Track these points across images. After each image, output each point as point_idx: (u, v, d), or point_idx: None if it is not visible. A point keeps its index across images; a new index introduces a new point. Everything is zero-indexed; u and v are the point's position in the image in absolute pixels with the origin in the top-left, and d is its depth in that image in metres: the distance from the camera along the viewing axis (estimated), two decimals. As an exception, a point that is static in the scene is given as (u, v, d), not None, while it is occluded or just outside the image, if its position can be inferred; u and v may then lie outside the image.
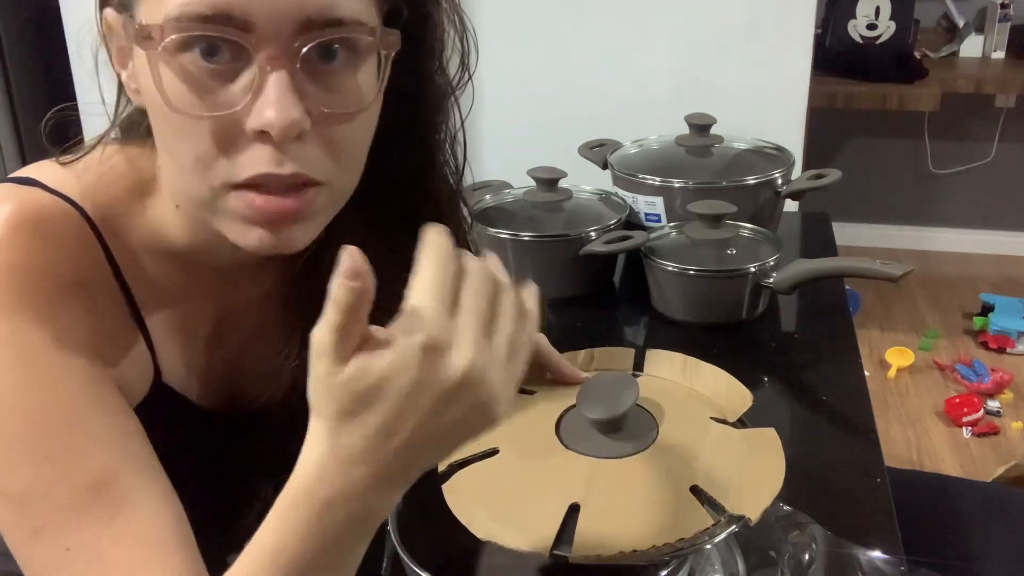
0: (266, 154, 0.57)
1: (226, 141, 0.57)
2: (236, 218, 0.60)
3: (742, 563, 0.73)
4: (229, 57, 0.56)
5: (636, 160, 1.38)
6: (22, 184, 0.64)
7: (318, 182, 0.60)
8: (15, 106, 2.63)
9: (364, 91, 0.61)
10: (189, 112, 0.57)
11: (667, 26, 2.02)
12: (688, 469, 0.63)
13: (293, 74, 0.56)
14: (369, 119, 0.63)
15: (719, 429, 0.69)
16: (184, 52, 0.56)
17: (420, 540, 0.64)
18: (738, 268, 1.17)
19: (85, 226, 0.65)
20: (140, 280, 0.68)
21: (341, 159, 0.61)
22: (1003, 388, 2.59)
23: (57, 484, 0.59)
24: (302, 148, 0.58)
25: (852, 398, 1.04)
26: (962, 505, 1.14)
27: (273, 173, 0.57)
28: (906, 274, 1.08)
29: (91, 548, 0.59)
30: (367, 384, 0.48)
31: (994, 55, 3.10)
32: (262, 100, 0.56)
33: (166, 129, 0.60)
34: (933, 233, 3.53)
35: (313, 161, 0.59)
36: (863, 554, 0.76)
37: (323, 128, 0.59)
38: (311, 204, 0.60)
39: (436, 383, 0.48)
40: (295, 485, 0.52)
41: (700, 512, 0.60)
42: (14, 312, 0.59)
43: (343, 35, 0.58)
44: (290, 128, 0.56)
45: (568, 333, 1.21)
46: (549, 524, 0.59)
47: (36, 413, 0.60)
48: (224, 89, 0.57)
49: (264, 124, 0.55)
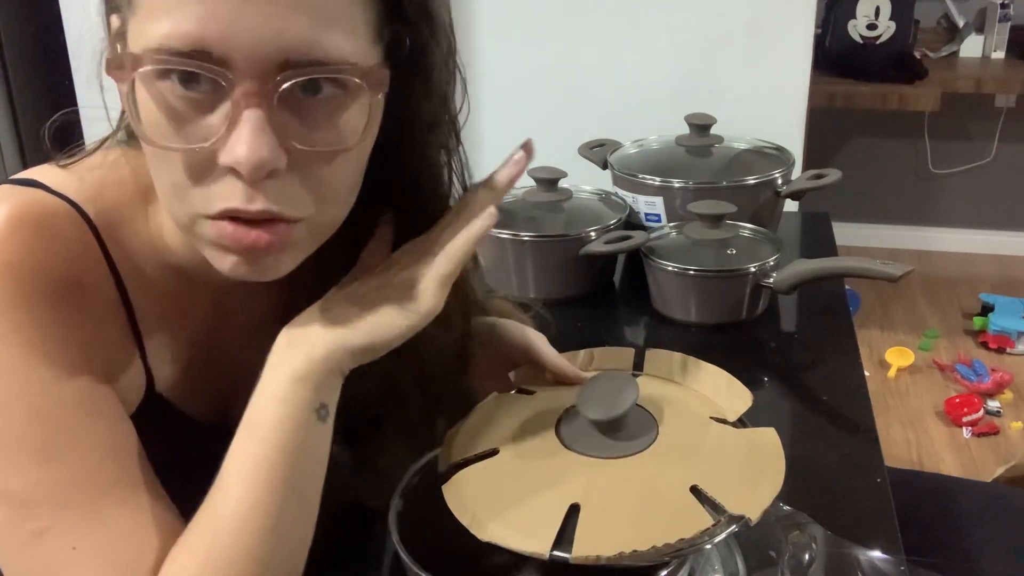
0: (237, 189, 0.56)
1: (200, 172, 0.57)
2: (212, 244, 0.60)
3: (742, 563, 0.73)
4: (208, 88, 0.55)
5: (636, 160, 1.38)
6: (24, 185, 0.64)
7: (293, 219, 0.59)
8: (16, 109, 2.63)
9: (349, 130, 0.59)
10: (163, 144, 0.56)
11: (667, 26, 2.02)
12: (688, 469, 0.63)
13: (270, 111, 0.55)
14: (354, 157, 0.61)
15: (719, 429, 0.69)
16: (162, 80, 0.55)
17: (420, 540, 0.64)
18: (738, 268, 1.17)
19: (86, 229, 0.64)
20: (138, 287, 0.68)
21: (321, 196, 0.59)
22: (1003, 388, 2.59)
23: (64, 484, 0.59)
24: (276, 185, 0.57)
25: (852, 398, 1.04)
26: (962, 505, 1.14)
27: (242, 209, 0.56)
28: (906, 274, 1.08)
29: (98, 545, 0.59)
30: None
31: (994, 55, 3.10)
32: (235, 136, 0.55)
33: (149, 154, 0.60)
34: (933, 233, 3.53)
35: (288, 198, 0.57)
36: (863, 554, 0.76)
37: (302, 165, 0.57)
38: (285, 238, 0.59)
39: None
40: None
41: (700, 512, 0.60)
42: (16, 310, 0.59)
43: (326, 75, 0.56)
44: (259, 168, 0.55)
45: (568, 333, 1.21)
46: (549, 524, 0.59)
47: (41, 413, 0.60)
48: (200, 120, 0.56)
49: (234, 162, 0.55)
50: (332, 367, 0.61)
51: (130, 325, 0.68)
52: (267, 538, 0.59)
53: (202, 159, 0.56)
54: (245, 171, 0.55)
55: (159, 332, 0.70)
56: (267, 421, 0.60)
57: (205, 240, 0.60)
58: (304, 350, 0.61)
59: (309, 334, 0.62)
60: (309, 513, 0.62)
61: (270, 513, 0.59)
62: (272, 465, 0.59)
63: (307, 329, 0.62)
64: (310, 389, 0.60)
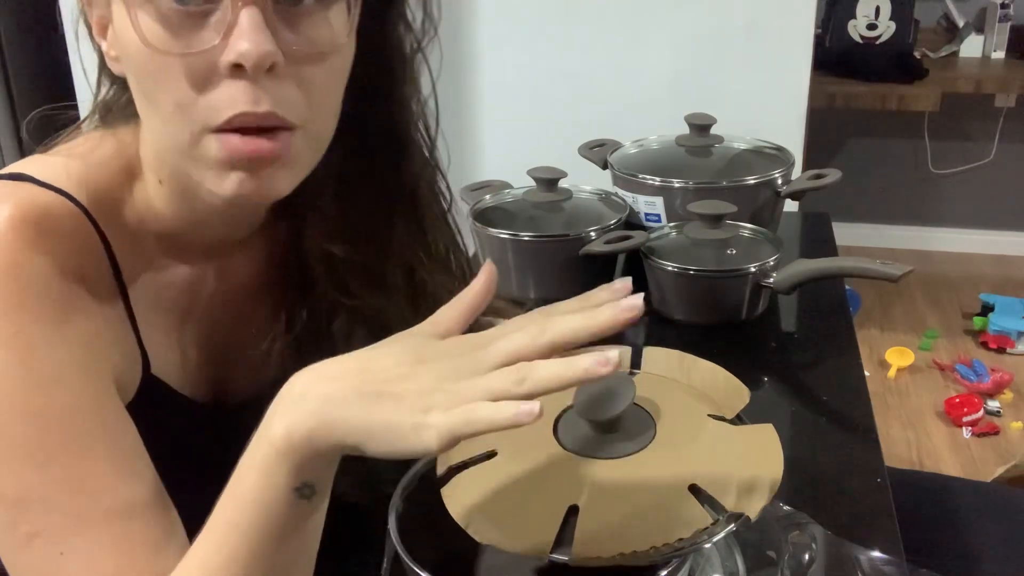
0: (241, 92, 0.58)
1: (203, 82, 0.59)
2: (215, 164, 0.61)
3: (742, 563, 0.73)
4: (201, 0, 0.58)
5: (636, 160, 1.38)
6: (14, 180, 0.64)
7: (293, 125, 0.61)
8: (15, 104, 2.63)
9: (335, 32, 0.62)
10: (165, 50, 0.58)
11: (667, 26, 2.02)
12: (686, 468, 0.63)
13: (265, 10, 0.58)
14: (341, 62, 0.64)
15: (717, 426, 0.69)
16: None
17: (420, 540, 0.64)
18: (738, 268, 1.17)
19: (82, 217, 0.65)
20: (133, 265, 0.68)
21: (314, 101, 0.62)
22: (1003, 388, 2.59)
23: (57, 488, 0.59)
24: (276, 87, 0.59)
25: (852, 398, 1.03)
26: (962, 505, 1.14)
27: (249, 112, 0.59)
28: (906, 274, 1.08)
29: (85, 553, 0.59)
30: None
31: (994, 55, 3.10)
32: (236, 34, 0.57)
33: (146, 80, 0.61)
34: (933, 233, 3.53)
35: (287, 100, 0.60)
36: (863, 554, 0.76)
37: (296, 68, 0.60)
38: (288, 147, 0.61)
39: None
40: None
41: (699, 511, 0.59)
42: (19, 312, 0.60)
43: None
44: (264, 58, 0.57)
45: (568, 333, 1.20)
46: (548, 526, 0.59)
47: (39, 416, 0.60)
48: (198, 30, 0.58)
49: (239, 56, 0.57)
50: (316, 448, 0.53)
51: (126, 308, 0.68)
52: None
53: (203, 69, 0.58)
54: (250, 63, 0.57)
55: (153, 311, 0.70)
56: (246, 492, 0.55)
57: (209, 159, 0.61)
58: (287, 424, 0.53)
59: (301, 405, 0.53)
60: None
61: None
62: (250, 540, 0.55)
63: (303, 398, 0.54)
64: (291, 466, 0.53)
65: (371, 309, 0.75)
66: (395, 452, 0.52)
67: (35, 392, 0.60)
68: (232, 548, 0.55)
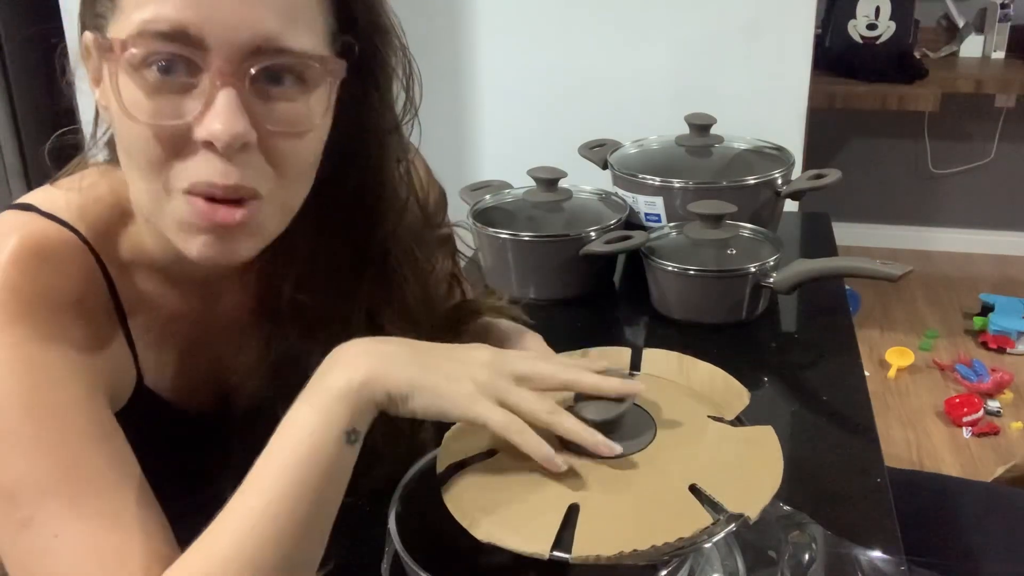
0: (211, 164, 0.61)
1: (176, 149, 0.62)
2: (182, 225, 0.64)
3: (742, 563, 0.73)
4: (185, 73, 0.61)
5: (636, 160, 1.38)
6: (22, 210, 0.70)
7: (260, 195, 0.63)
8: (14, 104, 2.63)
9: (310, 113, 0.65)
10: (142, 120, 0.61)
11: (667, 26, 2.02)
12: (686, 468, 0.63)
13: (242, 92, 0.61)
14: (315, 138, 0.67)
15: (717, 427, 0.69)
16: (144, 68, 0.61)
17: (420, 540, 0.64)
18: (738, 268, 1.17)
19: (81, 245, 0.69)
20: (129, 291, 0.73)
21: (285, 173, 0.65)
22: (1003, 388, 2.59)
23: (51, 475, 0.61)
24: (246, 160, 0.62)
25: (852, 398, 1.03)
26: (962, 505, 1.14)
27: (217, 183, 0.61)
28: (906, 274, 1.08)
29: (79, 535, 0.61)
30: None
31: (994, 55, 3.10)
32: (211, 113, 0.60)
33: (126, 137, 0.64)
34: (933, 233, 3.53)
35: (256, 174, 0.63)
36: (863, 554, 0.76)
37: (269, 144, 0.63)
38: (254, 216, 0.64)
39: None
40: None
41: (699, 511, 0.60)
42: (18, 326, 0.64)
43: (290, 62, 0.63)
44: (234, 139, 0.60)
45: (568, 333, 1.21)
46: (548, 525, 0.59)
47: (34, 410, 0.63)
48: (178, 101, 0.61)
49: (211, 135, 0.60)
50: (368, 396, 0.62)
51: (121, 325, 0.72)
52: (278, 544, 0.59)
53: (178, 136, 0.61)
54: (222, 143, 0.60)
55: (148, 330, 0.74)
56: (300, 431, 0.61)
57: (175, 220, 0.64)
58: (347, 372, 0.62)
59: (360, 359, 0.63)
60: (322, 529, 0.62)
61: (282, 521, 0.59)
62: (294, 476, 0.60)
63: (362, 354, 0.64)
64: (346, 409, 0.61)
65: None
66: (440, 411, 0.63)
67: (32, 390, 0.63)
68: (283, 487, 0.59)
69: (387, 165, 0.76)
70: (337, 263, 0.77)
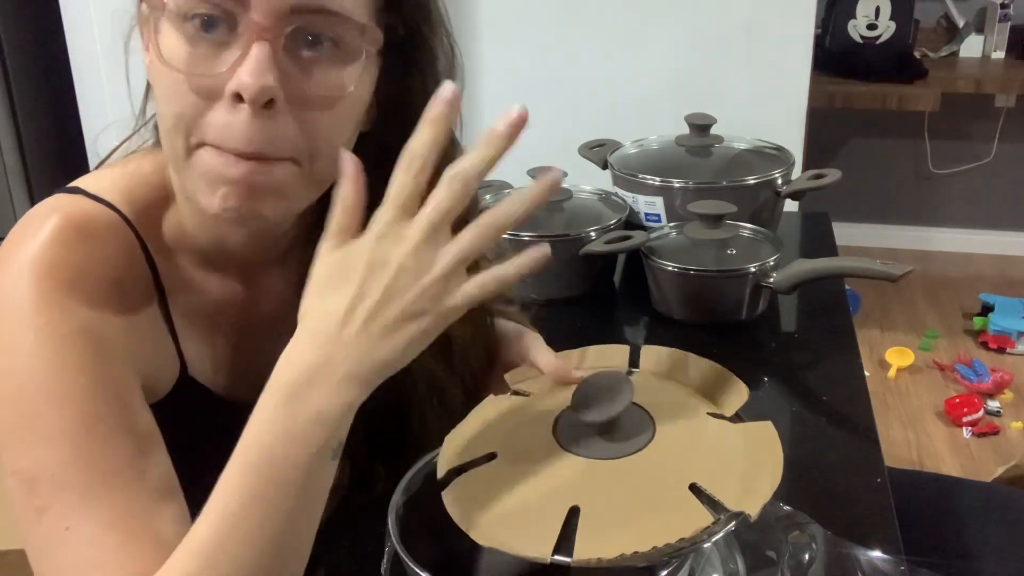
0: (237, 127, 0.61)
1: (208, 101, 0.62)
2: (205, 177, 0.64)
3: (742, 563, 0.73)
4: (224, 29, 0.62)
5: (636, 160, 1.38)
6: (69, 193, 0.70)
7: (286, 159, 0.64)
8: (14, 104, 2.63)
9: (342, 81, 0.65)
10: (178, 67, 0.62)
11: (667, 26, 2.02)
12: (686, 467, 0.63)
13: (276, 49, 0.61)
14: (347, 109, 0.66)
15: (716, 424, 0.69)
16: (185, 21, 0.62)
17: (420, 540, 0.64)
18: (738, 268, 1.17)
19: (125, 228, 0.70)
20: (173, 276, 0.73)
21: (315, 142, 0.65)
22: (1003, 388, 2.59)
23: (69, 466, 0.62)
24: (273, 124, 0.62)
25: (852, 398, 1.03)
26: (962, 505, 1.14)
27: (240, 150, 0.62)
28: (906, 274, 1.08)
29: (90, 530, 0.61)
30: (342, 255, 0.60)
31: (994, 55, 3.10)
32: (243, 66, 0.60)
33: (160, 93, 0.65)
34: (933, 233, 3.53)
35: (282, 139, 0.63)
36: (863, 554, 0.76)
37: (299, 109, 0.63)
38: (278, 177, 0.64)
39: (383, 266, 0.59)
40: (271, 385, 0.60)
41: (699, 510, 0.59)
42: (53, 305, 0.64)
43: (329, 24, 0.63)
44: (261, 93, 0.60)
45: (568, 333, 1.21)
46: (549, 528, 0.59)
47: (58, 398, 0.63)
48: (214, 55, 0.62)
49: (239, 86, 0.60)
50: (349, 405, 0.60)
51: (164, 314, 0.72)
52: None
53: (209, 89, 0.62)
54: (248, 95, 0.60)
55: (190, 318, 0.74)
56: (281, 461, 0.59)
57: (197, 172, 0.64)
58: (324, 390, 0.59)
59: (325, 371, 0.59)
60: (308, 541, 0.62)
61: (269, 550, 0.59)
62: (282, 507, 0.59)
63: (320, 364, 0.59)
64: (330, 430, 0.59)
65: None
66: (420, 344, 0.60)
67: (57, 377, 0.63)
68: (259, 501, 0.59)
69: None
70: None
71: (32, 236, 0.65)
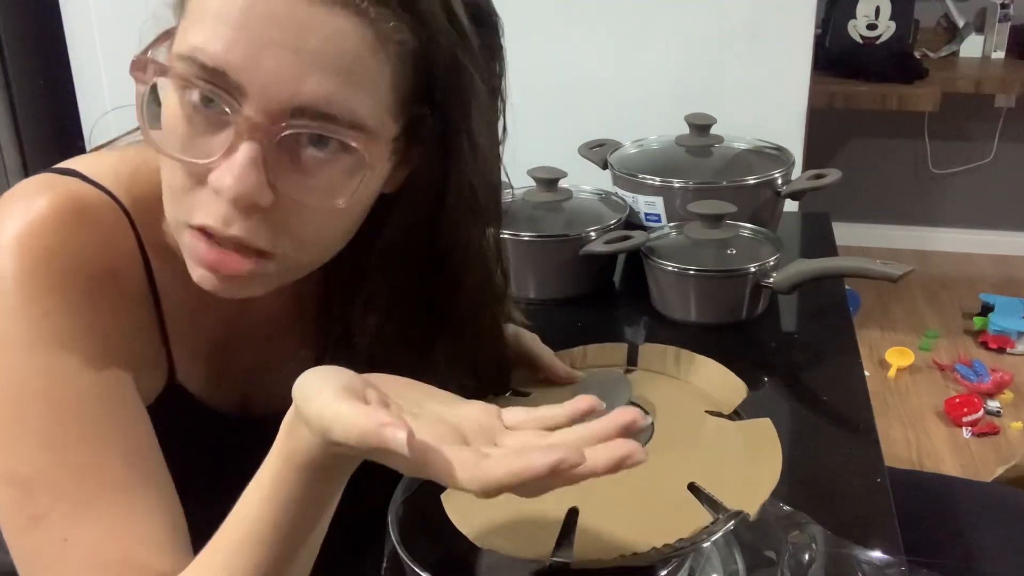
0: (218, 209, 0.58)
1: (193, 183, 0.59)
2: (189, 254, 0.61)
3: (742, 563, 0.73)
4: (219, 110, 0.57)
5: (636, 160, 1.38)
6: (63, 174, 0.66)
7: (268, 253, 0.60)
8: (15, 108, 2.62)
9: (337, 190, 0.59)
10: (166, 151, 0.58)
11: (667, 26, 2.01)
12: (685, 466, 0.63)
13: (267, 148, 0.56)
14: (341, 215, 0.62)
15: (714, 423, 0.69)
16: (184, 89, 0.57)
17: (420, 540, 0.64)
18: (738, 268, 1.17)
19: (121, 216, 0.66)
20: (166, 273, 0.69)
21: (299, 239, 0.61)
22: (1003, 388, 2.59)
23: (67, 473, 0.60)
24: (256, 218, 0.58)
25: (852, 398, 1.03)
26: (962, 505, 1.14)
27: (217, 229, 0.58)
28: (906, 274, 1.08)
29: (89, 541, 0.59)
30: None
31: (994, 55, 3.10)
32: (227, 163, 0.56)
33: (160, 156, 0.61)
34: (933, 233, 3.53)
35: (264, 233, 0.59)
36: (863, 554, 0.76)
37: (287, 208, 0.58)
38: (254, 270, 0.60)
39: None
40: (287, 449, 0.54)
41: (698, 510, 0.60)
42: (49, 296, 0.61)
43: (331, 135, 0.57)
44: (239, 199, 0.56)
45: (568, 333, 1.20)
46: (549, 529, 0.59)
47: (56, 401, 0.60)
48: (207, 137, 0.58)
49: (218, 187, 0.57)
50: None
51: (156, 313, 0.69)
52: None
53: (198, 172, 0.58)
54: (226, 199, 0.57)
55: (183, 321, 0.71)
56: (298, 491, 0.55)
57: (185, 247, 0.61)
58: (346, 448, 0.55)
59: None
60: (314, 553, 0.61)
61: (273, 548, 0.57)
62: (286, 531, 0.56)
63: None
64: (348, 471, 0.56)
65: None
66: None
67: (55, 378, 0.61)
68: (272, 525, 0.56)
69: (472, 235, 0.70)
70: (413, 318, 0.71)
71: (20, 215, 0.61)
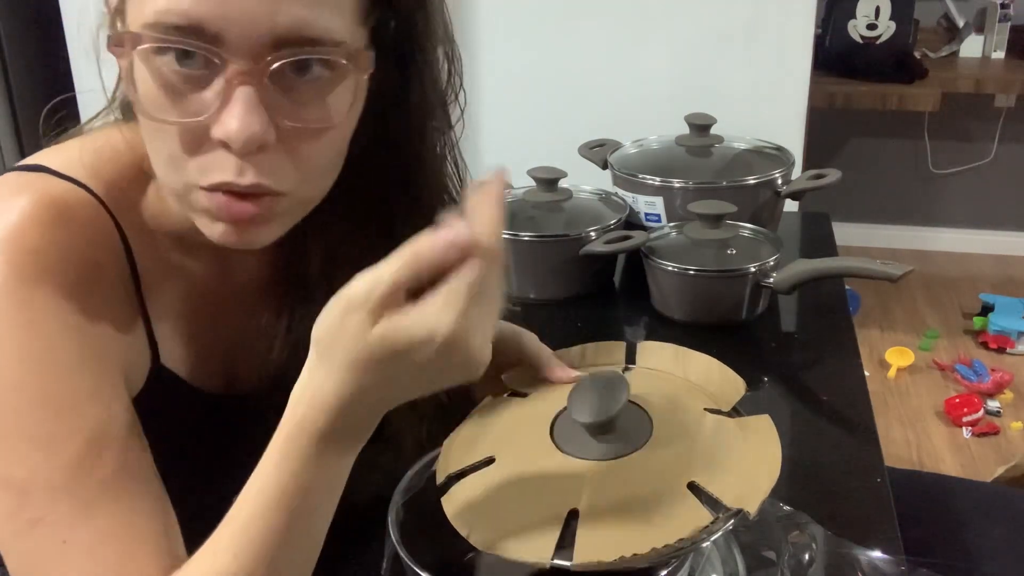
0: (229, 162, 0.59)
1: (194, 145, 0.59)
2: (203, 212, 0.62)
3: (742, 563, 0.73)
4: (202, 64, 0.57)
5: (636, 160, 1.38)
6: (32, 171, 0.66)
7: (279, 191, 0.61)
8: (14, 100, 2.62)
9: (334, 108, 0.61)
10: (159, 117, 0.59)
11: (667, 26, 2.01)
12: (684, 465, 0.63)
13: (261, 88, 0.57)
14: (338, 135, 0.64)
15: (713, 420, 0.68)
16: (159, 56, 0.57)
17: (420, 541, 0.64)
18: (738, 268, 1.17)
19: (98, 207, 0.66)
20: (146, 259, 0.69)
21: (305, 171, 0.62)
22: (1003, 388, 2.59)
23: (64, 475, 0.59)
24: (265, 159, 0.59)
25: (852, 398, 1.03)
26: (962, 505, 1.14)
27: (233, 182, 0.59)
28: (906, 274, 1.08)
29: (88, 543, 0.59)
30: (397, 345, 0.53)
31: (994, 55, 3.10)
32: (227, 112, 0.57)
33: (145, 127, 0.62)
34: (933, 233, 3.53)
35: (275, 172, 0.60)
36: (863, 554, 0.76)
37: (289, 141, 0.60)
38: (271, 210, 0.62)
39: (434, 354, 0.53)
40: (297, 418, 0.56)
41: (698, 509, 0.59)
42: (35, 294, 0.61)
43: (316, 55, 0.58)
44: (249, 142, 0.57)
45: (568, 333, 1.21)
46: (549, 531, 0.59)
47: (51, 403, 0.61)
48: (195, 95, 0.58)
49: (226, 136, 0.57)
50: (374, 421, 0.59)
51: (138, 297, 0.69)
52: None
53: (196, 132, 0.59)
54: (236, 145, 0.57)
55: (164, 302, 0.72)
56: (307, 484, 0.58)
57: (198, 208, 0.62)
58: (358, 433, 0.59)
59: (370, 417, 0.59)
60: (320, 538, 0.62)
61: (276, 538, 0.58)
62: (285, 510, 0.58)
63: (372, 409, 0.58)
64: (356, 447, 0.60)
65: None
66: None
67: (50, 380, 0.61)
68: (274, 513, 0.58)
69: (427, 152, 0.73)
70: (372, 246, 0.71)
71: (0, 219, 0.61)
